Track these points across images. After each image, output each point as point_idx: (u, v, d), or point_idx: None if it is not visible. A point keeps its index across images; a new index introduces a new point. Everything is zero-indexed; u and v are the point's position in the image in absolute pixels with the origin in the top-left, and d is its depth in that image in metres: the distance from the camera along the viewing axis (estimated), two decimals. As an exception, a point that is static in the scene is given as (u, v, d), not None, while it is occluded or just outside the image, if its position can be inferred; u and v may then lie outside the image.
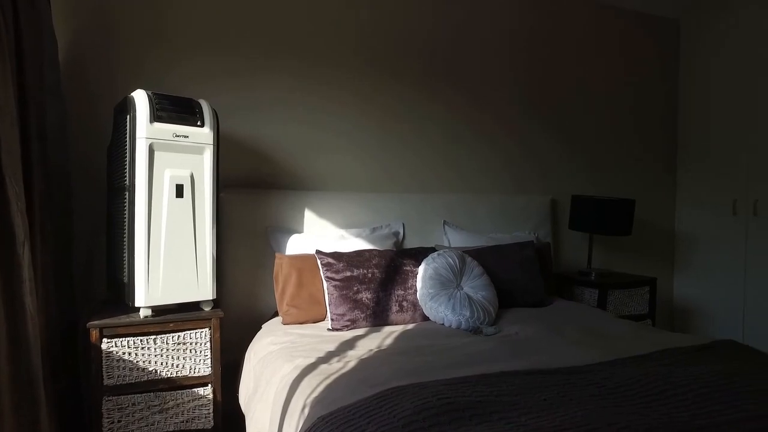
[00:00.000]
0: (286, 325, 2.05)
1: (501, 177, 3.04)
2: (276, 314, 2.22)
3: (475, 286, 2.22)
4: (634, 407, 1.23)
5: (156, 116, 1.73)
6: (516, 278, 2.46)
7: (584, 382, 1.40)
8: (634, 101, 3.49)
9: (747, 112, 3.18)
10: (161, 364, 1.77)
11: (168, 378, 1.77)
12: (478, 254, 2.48)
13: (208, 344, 1.83)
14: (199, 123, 1.81)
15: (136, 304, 1.74)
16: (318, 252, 2.14)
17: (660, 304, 3.55)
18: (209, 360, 1.83)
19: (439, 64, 2.84)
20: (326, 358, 1.66)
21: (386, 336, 1.91)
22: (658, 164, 3.61)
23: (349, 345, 1.79)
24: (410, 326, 2.07)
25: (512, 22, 3.04)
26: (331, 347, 1.76)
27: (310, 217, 2.41)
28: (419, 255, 2.30)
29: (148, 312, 1.76)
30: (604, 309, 2.74)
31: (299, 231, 2.38)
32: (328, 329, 1.99)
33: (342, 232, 2.42)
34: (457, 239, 2.70)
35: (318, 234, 2.35)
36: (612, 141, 3.42)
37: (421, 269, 2.19)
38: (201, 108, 1.84)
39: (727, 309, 3.28)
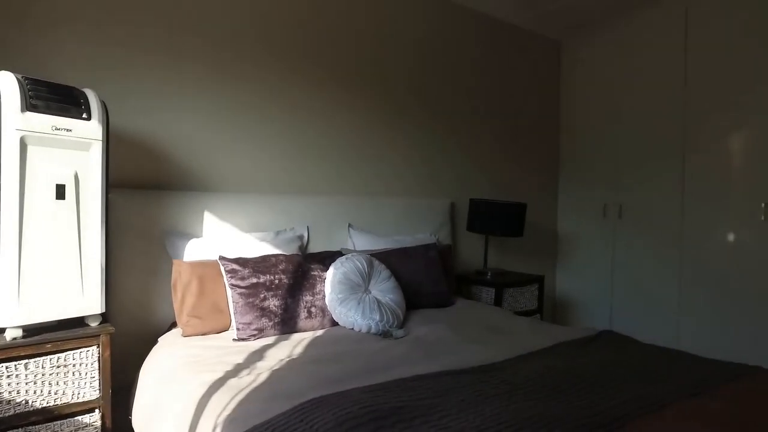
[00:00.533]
0: (187, 338, 1.90)
1: (404, 180, 3.11)
2: (174, 326, 2.04)
3: (384, 289, 2.24)
4: (543, 399, 1.31)
5: (29, 105, 1.50)
6: (421, 280, 2.52)
7: (495, 380, 1.46)
8: (525, 113, 3.78)
9: (614, 126, 3.60)
10: (34, 392, 1.53)
11: (43, 408, 1.54)
12: (385, 257, 2.51)
13: (96, 364, 1.63)
14: (84, 115, 1.61)
15: (1, 325, 1.49)
16: (221, 258, 2.01)
17: (546, 299, 3.88)
18: (97, 382, 1.63)
19: (345, 68, 2.83)
20: (235, 371, 1.56)
21: (296, 344, 1.85)
22: (544, 172, 3.95)
23: (258, 355, 1.70)
24: (320, 332, 2.03)
25: (416, 32, 3.12)
26: (240, 359, 1.66)
27: (210, 220, 2.26)
28: (327, 259, 2.26)
29: (17, 333, 1.51)
30: (500, 306, 2.92)
31: (198, 235, 2.22)
32: (234, 339, 1.88)
33: (245, 235, 2.29)
34: (362, 242, 2.71)
35: (219, 238, 2.21)
36: (506, 149, 3.66)
37: (329, 274, 2.15)
38: (87, 98, 1.63)
39: (599, 300, 3.68)
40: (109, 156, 1.75)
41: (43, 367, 1.54)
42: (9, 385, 1.49)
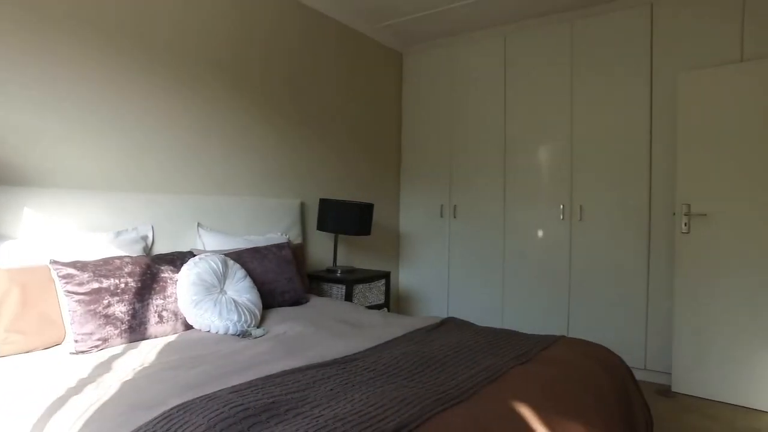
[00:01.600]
0: (5, 357, 1.63)
1: (255, 180, 3.06)
2: (-16, 345, 1.73)
3: (240, 289, 2.20)
4: (403, 381, 1.45)
5: None
6: (276, 279, 2.53)
7: (359, 368, 1.56)
8: (371, 118, 3.99)
9: (449, 135, 4.02)
10: None
11: None
12: (239, 257, 2.46)
13: None
14: None
15: None
16: (53, 262, 1.76)
17: (392, 293, 4.16)
18: None
19: (192, 62, 2.68)
20: (78, 387, 1.40)
21: (148, 351, 1.72)
22: (389, 174, 4.22)
23: (104, 368, 1.55)
24: (173, 337, 1.91)
25: (266, 32, 3.10)
26: (82, 374, 1.49)
27: (32, 219, 1.96)
28: (178, 260, 2.14)
29: None
30: (351, 302, 3.05)
31: (14, 237, 1.91)
32: (72, 353, 1.67)
33: (79, 236, 2.04)
34: (213, 242, 2.61)
35: (45, 240, 1.93)
36: (354, 151, 3.83)
37: (182, 275, 2.04)
38: None
39: (438, 292, 4.08)
40: None
41: None
42: None
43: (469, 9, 3.51)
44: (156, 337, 1.89)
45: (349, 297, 3.06)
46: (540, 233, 3.59)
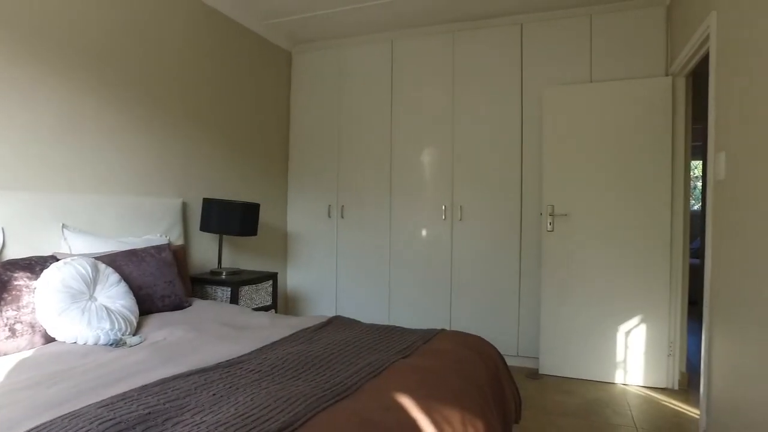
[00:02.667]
0: None
1: (129, 177, 2.84)
2: None
3: (113, 294, 2.03)
4: (289, 381, 1.45)
5: None
6: (155, 283, 2.37)
7: (244, 371, 1.54)
8: (259, 117, 3.89)
9: (336, 136, 4.07)
10: None
11: None
12: (112, 260, 2.27)
13: None
14: None
15: None
16: None
17: (279, 294, 4.09)
18: None
19: (63, 47, 2.41)
20: None
21: (-2, 370, 1.53)
22: (276, 174, 4.15)
23: (-60, 392, 1.35)
24: (29, 353, 1.71)
25: (146, 23, 2.89)
26: None
27: None
28: (37, 265, 1.92)
29: None
30: (237, 304, 2.96)
31: None
32: None
33: None
34: (80, 245, 2.37)
35: None
36: (241, 150, 3.71)
37: (41, 282, 1.84)
38: None
39: (326, 291, 4.10)
40: None
41: None
42: None
43: (357, 13, 3.58)
44: (7, 354, 1.68)
45: (234, 299, 2.96)
46: (424, 233, 3.77)
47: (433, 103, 3.75)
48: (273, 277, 3.35)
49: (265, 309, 3.25)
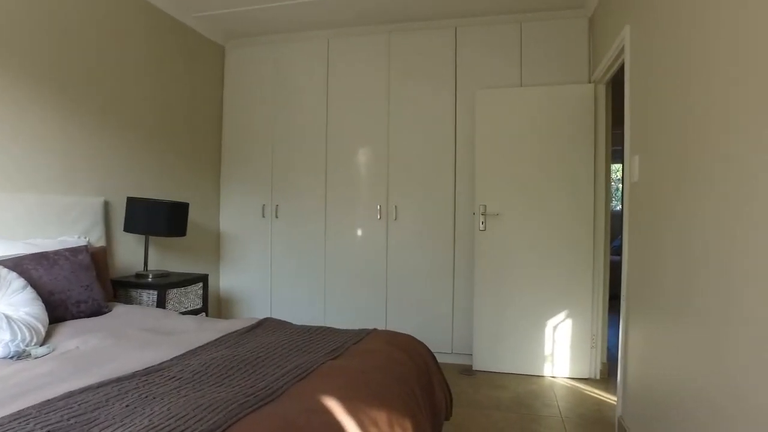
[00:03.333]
0: None
1: (41, 174, 2.63)
2: None
3: (16, 302, 1.87)
4: (211, 387, 1.39)
5: None
6: (69, 287, 2.21)
7: (162, 378, 1.45)
8: (191, 113, 3.73)
9: (272, 134, 3.97)
10: None
11: None
12: (17, 264, 2.09)
13: None
14: None
15: None
16: None
17: (211, 296, 3.95)
18: None
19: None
20: None
21: None
22: (208, 173, 3.99)
23: None
24: None
25: (66, 11, 2.69)
26: None
27: None
28: (-75, 271, 1.73)
29: None
30: (164, 308, 2.82)
31: None
32: None
33: None
34: (-19, 248, 2.17)
35: None
36: (170, 148, 3.53)
37: (-70, 290, 1.65)
38: None
39: (260, 292, 4.00)
40: None
41: None
42: None
43: (292, 10, 3.52)
44: None
45: (161, 303, 2.82)
46: (359, 232, 3.77)
47: (368, 103, 3.75)
48: (203, 279, 3.22)
49: (195, 312, 3.12)
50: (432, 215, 3.63)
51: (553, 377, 3.33)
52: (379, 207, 3.71)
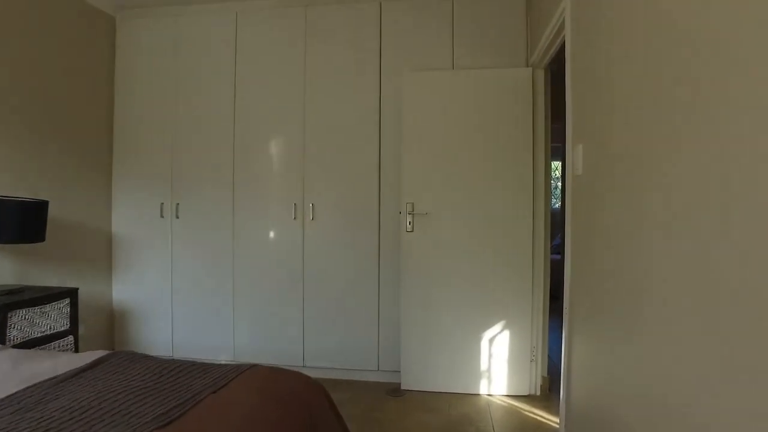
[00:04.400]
0: None
1: None
2: None
3: None
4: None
5: None
6: None
7: None
8: (75, 95, 3.09)
9: (171, 118, 3.39)
10: None
11: None
12: None
13: None
14: None
15: None
16: None
17: (100, 312, 3.33)
18: None
19: None
20: None
21: None
22: (97, 166, 3.36)
23: None
24: None
25: None
26: None
27: None
28: None
29: None
30: (5, 335, 2.23)
31: None
32: None
33: None
34: None
35: None
36: (42, 137, 2.89)
37: None
38: None
39: (160, 306, 3.41)
40: None
41: None
42: None
43: (189, -28, 2.97)
44: None
45: (1, 329, 2.22)
46: (272, 234, 3.27)
47: (282, 87, 3.25)
48: (71, 294, 2.63)
49: (61, 336, 2.54)
50: (354, 215, 3.19)
51: (489, 395, 2.98)
52: (294, 205, 3.23)
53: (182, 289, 3.38)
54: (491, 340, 2.98)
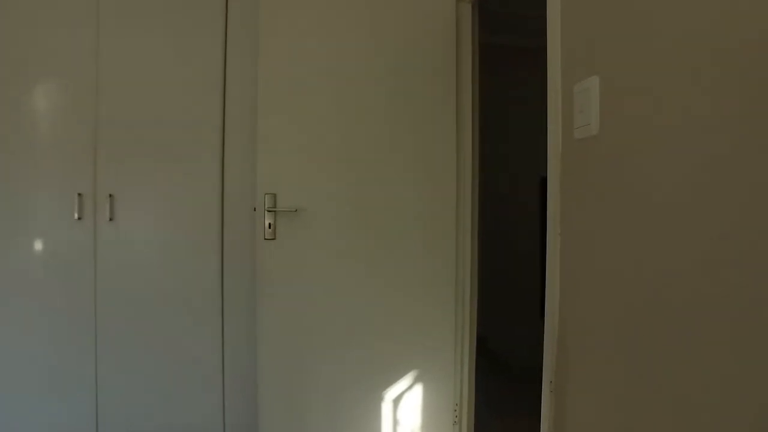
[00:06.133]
0: None
1: None
2: None
3: None
4: None
5: None
6: None
7: None
8: None
9: None
10: None
11: None
12: None
13: None
14: None
15: None
16: None
17: None
18: None
19: None
20: None
21: None
22: None
23: None
24: None
25: None
26: None
27: None
28: None
29: None
30: None
31: None
32: None
33: None
34: None
35: None
36: None
37: None
38: None
39: None
40: None
41: None
42: None
43: None
44: None
45: None
46: (40, 246, 2.00)
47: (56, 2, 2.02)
48: None
49: None
50: (181, 211, 2.04)
51: (394, 483, 1.98)
52: (78, 198, 1.98)
53: None
54: (396, 401, 1.99)
